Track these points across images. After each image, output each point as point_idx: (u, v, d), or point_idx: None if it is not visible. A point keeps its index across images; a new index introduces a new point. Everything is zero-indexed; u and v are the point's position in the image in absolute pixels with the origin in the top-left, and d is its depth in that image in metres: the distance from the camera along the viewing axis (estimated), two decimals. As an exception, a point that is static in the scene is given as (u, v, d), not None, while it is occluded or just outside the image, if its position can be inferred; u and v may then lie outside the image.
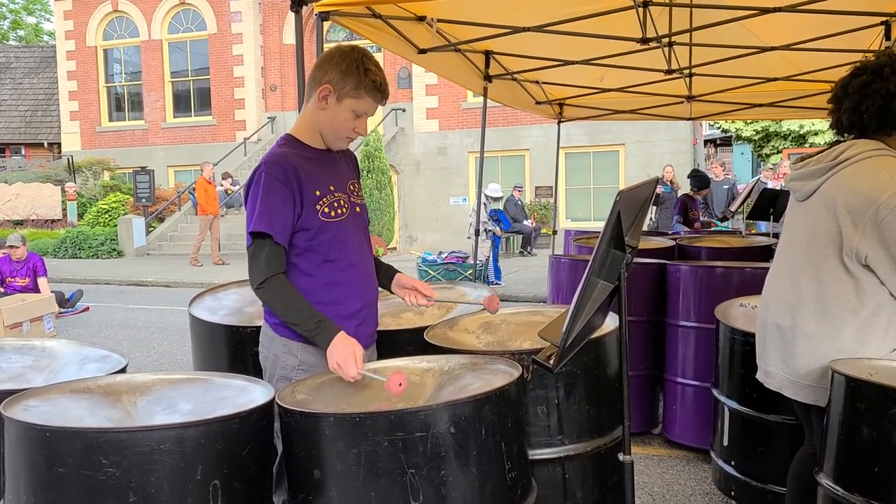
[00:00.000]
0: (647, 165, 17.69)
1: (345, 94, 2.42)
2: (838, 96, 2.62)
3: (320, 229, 2.44)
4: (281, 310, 2.38)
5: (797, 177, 2.69)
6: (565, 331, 1.97)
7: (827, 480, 2.40)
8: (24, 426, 1.89)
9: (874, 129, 2.53)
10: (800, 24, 5.46)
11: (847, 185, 2.49)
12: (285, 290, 2.37)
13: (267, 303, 2.41)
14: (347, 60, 2.40)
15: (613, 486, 2.70)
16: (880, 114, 2.49)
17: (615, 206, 2.00)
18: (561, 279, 5.35)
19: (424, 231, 19.93)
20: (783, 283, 2.70)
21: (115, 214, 19.24)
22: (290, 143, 2.50)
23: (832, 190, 2.53)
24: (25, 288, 9.49)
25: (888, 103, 2.47)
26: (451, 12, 5.24)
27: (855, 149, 2.52)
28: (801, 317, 2.59)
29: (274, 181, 2.35)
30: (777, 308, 2.70)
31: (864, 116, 2.52)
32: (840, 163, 2.53)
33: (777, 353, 2.68)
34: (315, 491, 2.02)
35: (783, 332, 2.65)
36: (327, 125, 2.48)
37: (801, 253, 2.64)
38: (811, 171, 2.62)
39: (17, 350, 2.90)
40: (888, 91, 2.46)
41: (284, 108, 21.93)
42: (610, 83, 7.44)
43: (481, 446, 1.99)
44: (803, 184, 2.65)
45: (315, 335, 2.35)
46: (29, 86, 27.28)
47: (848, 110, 2.57)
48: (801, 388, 2.61)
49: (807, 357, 2.57)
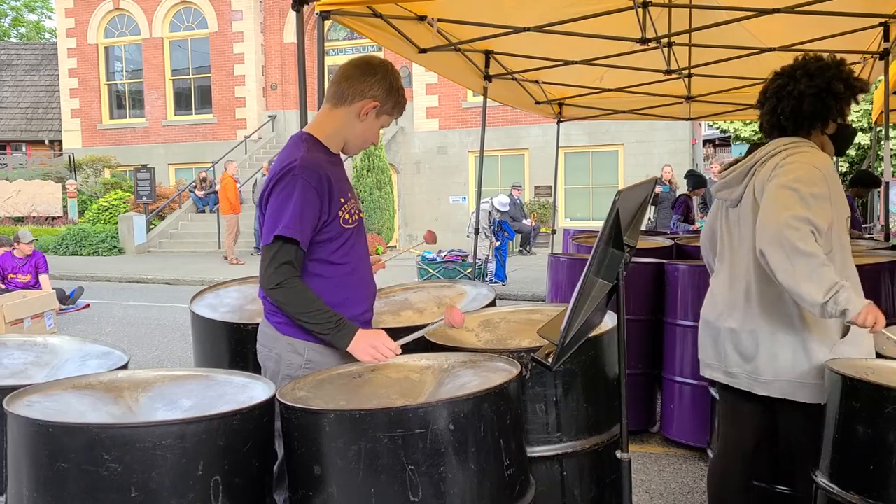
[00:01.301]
0: (646, 165, 17.69)
1: (384, 112, 2.51)
2: (760, 100, 2.74)
3: (339, 235, 2.47)
4: (298, 312, 2.38)
5: (721, 186, 2.78)
6: (564, 329, 1.99)
7: (823, 479, 2.42)
8: (27, 422, 1.90)
9: (792, 129, 2.62)
10: (799, 24, 5.47)
11: (759, 179, 2.58)
12: (304, 293, 2.38)
13: (283, 304, 2.39)
14: (390, 79, 2.49)
15: (611, 483, 2.72)
16: (794, 114, 2.59)
17: (614, 205, 2.02)
18: (560, 278, 5.36)
19: (424, 230, 19.90)
20: (729, 287, 2.74)
21: (116, 212, 19.24)
22: (316, 147, 2.49)
23: (752, 190, 2.62)
24: (27, 285, 9.52)
25: (800, 104, 2.57)
26: (451, 12, 5.25)
27: (769, 146, 2.62)
28: (753, 318, 2.64)
29: (310, 189, 2.35)
30: (726, 311, 2.74)
31: (780, 118, 2.63)
32: (756, 162, 2.63)
33: (735, 353, 2.72)
34: (315, 487, 2.04)
35: (735, 334, 2.70)
36: (360, 136, 2.54)
37: (741, 255, 2.69)
38: (733, 178, 2.71)
39: (19, 346, 2.92)
40: (800, 92, 2.56)
41: (285, 106, 21.93)
42: (609, 83, 7.46)
43: (480, 443, 2.01)
44: (730, 192, 2.74)
45: (335, 336, 2.38)
46: (30, 83, 27.27)
47: (767, 113, 2.69)
48: (767, 385, 2.65)
49: (767, 354, 2.62)
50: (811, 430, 2.58)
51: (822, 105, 2.55)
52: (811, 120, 2.58)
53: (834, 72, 2.55)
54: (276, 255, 2.35)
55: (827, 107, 2.56)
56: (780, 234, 2.35)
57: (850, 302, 2.28)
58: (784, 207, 2.38)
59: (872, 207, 15.00)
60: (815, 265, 2.31)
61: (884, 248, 5.34)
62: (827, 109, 2.57)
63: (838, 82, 2.54)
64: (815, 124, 2.60)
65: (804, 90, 2.54)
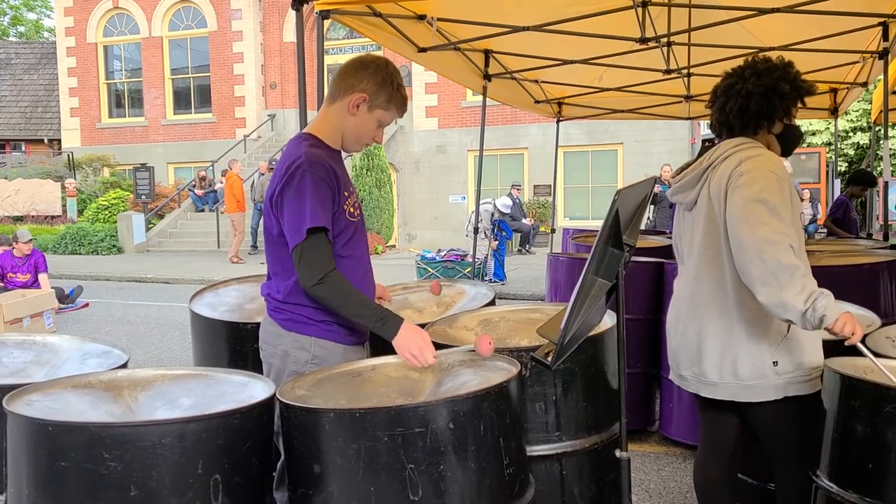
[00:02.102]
0: (646, 164, 17.71)
1: (376, 105, 2.50)
2: (711, 100, 2.79)
3: (346, 228, 2.48)
4: (344, 304, 2.37)
5: (676, 190, 2.81)
6: (563, 328, 1.99)
7: (822, 478, 2.43)
8: (27, 420, 1.90)
9: (739, 127, 2.66)
10: (798, 24, 5.48)
11: (715, 184, 2.61)
12: (347, 285, 2.38)
13: (327, 298, 2.37)
14: (383, 73, 2.49)
15: (610, 482, 2.73)
16: (741, 112, 2.63)
17: (614, 204, 2.02)
18: (559, 277, 5.37)
19: (423, 229, 19.95)
20: (688, 289, 2.75)
21: (115, 211, 19.24)
22: (317, 143, 2.50)
23: (707, 193, 2.64)
24: (26, 284, 9.51)
25: (747, 102, 2.61)
26: (451, 11, 5.26)
27: (719, 149, 2.65)
28: (706, 319, 2.65)
29: (320, 181, 2.36)
30: (684, 314, 2.75)
31: (729, 116, 2.67)
32: (709, 166, 2.65)
33: (686, 356, 2.74)
34: (315, 485, 2.04)
35: (689, 336, 2.71)
36: (353, 131, 2.54)
37: (697, 257, 2.71)
38: (688, 181, 2.75)
39: (18, 345, 2.92)
40: (747, 91, 2.61)
41: (284, 105, 21.94)
42: (609, 82, 7.46)
43: (480, 442, 2.01)
44: (685, 195, 2.76)
45: (382, 326, 2.37)
46: (29, 82, 27.27)
47: (716, 111, 2.74)
48: (712, 387, 2.66)
49: (713, 356, 2.63)
50: (772, 426, 2.62)
51: (767, 104, 2.60)
52: (757, 118, 2.63)
53: (781, 72, 2.60)
54: (314, 249, 2.35)
55: (773, 106, 2.61)
56: (761, 250, 2.37)
57: (828, 308, 2.29)
58: (759, 223, 2.41)
59: (871, 207, 15.04)
60: (798, 276, 2.34)
61: (883, 248, 5.35)
62: (773, 109, 2.62)
63: (784, 83, 2.59)
64: (761, 123, 2.64)
65: (751, 89, 2.60)
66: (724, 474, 2.85)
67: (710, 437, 2.89)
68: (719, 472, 2.85)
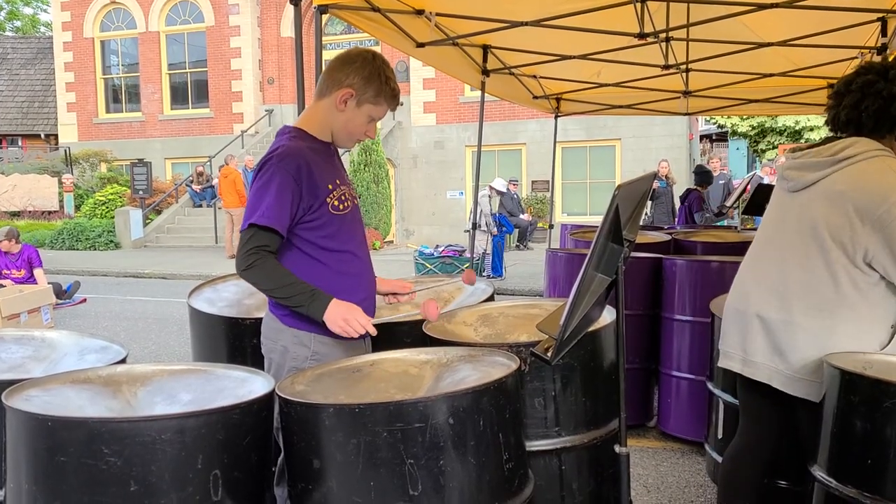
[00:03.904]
0: (644, 160, 17.71)
1: (365, 100, 2.48)
2: (840, 92, 2.65)
3: (330, 221, 2.47)
4: (272, 288, 2.39)
5: (795, 166, 2.69)
6: (563, 323, 1.99)
7: (821, 472, 2.43)
8: (26, 416, 1.90)
9: (870, 128, 2.56)
10: (796, 20, 5.47)
11: (858, 183, 2.50)
12: (275, 270, 2.40)
13: (256, 283, 2.41)
14: (370, 67, 2.46)
15: (609, 477, 2.73)
16: (879, 114, 2.53)
17: (613, 199, 2.02)
18: (557, 273, 5.37)
19: (421, 225, 19.94)
20: (770, 274, 2.70)
21: (113, 206, 19.21)
22: (300, 136, 2.51)
23: (840, 185, 2.54)
24: (21, 280, 9.48)
25: (888, 105, 2.51)
26: (449, 6, 5.24)
27: (859, 146, 2.54)
28: (797, 310, 2.59)
29: (287, 176, 2.37)
30: (763, 299, 2.70)
31: (862, 115, 2.55)
32: (845, 158, 2.55)
33: (765, 344, 2.68)
34: (315, 481, 2.04)
35: (770, 324, 2.65)
36: (342, 127, 2.53)
37: (793, 244, 2.64)
38: (811, 163, 2.63)
39: (16, 340, 2.91)
40: (890, 93, 2.50)
41: (282, 100, 21.91)
42: (607, 78, 7.45)
43: (479, 437, 2.01)
44: (801, 174, 2.66)
45: (309, 305, 2.38)
46: (25, 77, 27.19)
47: (847, 107, 2.60)
48: (793, 382, 2.61)
49: (804, 351, 2.58)
50: None
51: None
52: (893, 123, 2.55)
53: None
54: (250, 241, 2.37)
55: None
56: None
57: None
58: None
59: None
60: None
61: None
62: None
63: None
64: (894, 128, 2.56)
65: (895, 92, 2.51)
66: (758, 475, 2.82)
67: (750, 435, 2.85)
68: (753, 473, 2.82)
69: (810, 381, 2.57)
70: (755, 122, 24.60)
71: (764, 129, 24.74)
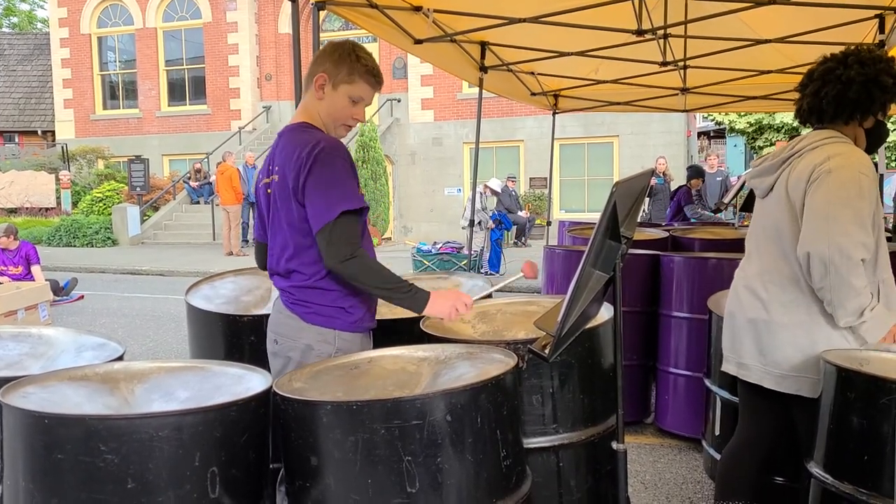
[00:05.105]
0: (641, 157, 17.72)
1: (339, 81, 2.49)
2: (804, 83, 2.68)
3: None
4: (373, 279, 2.39)
5: (755, 174, 2.76)
6: (561, 320, 1.99)
7: (817, 469, 2.44)
8: (23, 413, 1.89)
9: (831, 115, 2.58)
10: (794, 16, 5.47)
11: (795, 174, 2.56)
12: (374, 263, 2.42)
13: (356, 275, 2.37)
14: (339, 50, 2.49)
15: (607, 474, 2.73)
16: (838, 99, 2.55)
17: (611, 196, 2.02)
18: (555, 269, 5.37)
19: (419, 221, 19.93)
20: (752, 279, 2.74)
21: (110, 203, 19.18)
22: (314, 129, 2.51)
23: (785, 182, 2.60)
24: (19, 277, 9.47)
25: (846, 89, 2.52)
26: (447, 2, 5.24)
27: (806, 140, 2.59)
28: (774, 310, 2.64)
29: (347, 162, 2.40)
30: (749, 302, 2.74)
31: (822, 101, 2.58)
32: (791, 155, 2.60)
33: (752, 345, 2.72)
34: (312, 478, 2.04)
35: (756, 325, 2.69)
36: (326, 113, 2.53)
37: (767, 248, 2.69)
38: (767, 168, 2.69)
39: (13, 337, 2.91)
40: (848, 77, 2.52)
41: (279, 97, 21.87)
42: (605, 75, 7.45)
43: (477, 434, 2.01)
44: (761, 180, 2.72)
45: (412, 298, 2.42)
46: (22, 73, 27.11)
47: (809, 95, 2.64)
48: (782, 379, 2.64)
49: (786, 348, 2.62)
50: None
51: (867, 95, 2.51)
52: (853, 108, 2.54)
53: (885, 65, 2.51)
54: (346, 229, 2.35)
55: (872, 98, 2.52)
56: (833, 259, 2.38)
57: (869, 333, 2.43)
58: (841, 233, 2.38)
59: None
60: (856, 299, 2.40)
61: None
62: (871, 100, 2.53)
63: (887, 76, 2.50)
64: (854, 114, 2.56)
65: (853, 76, 2.50)
66: (755, 473, 2.84)
67: (748, 433, 2.87)
68: (750, 470, 2.84)
69: (797, 377, 2.60)
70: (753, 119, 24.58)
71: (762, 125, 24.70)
